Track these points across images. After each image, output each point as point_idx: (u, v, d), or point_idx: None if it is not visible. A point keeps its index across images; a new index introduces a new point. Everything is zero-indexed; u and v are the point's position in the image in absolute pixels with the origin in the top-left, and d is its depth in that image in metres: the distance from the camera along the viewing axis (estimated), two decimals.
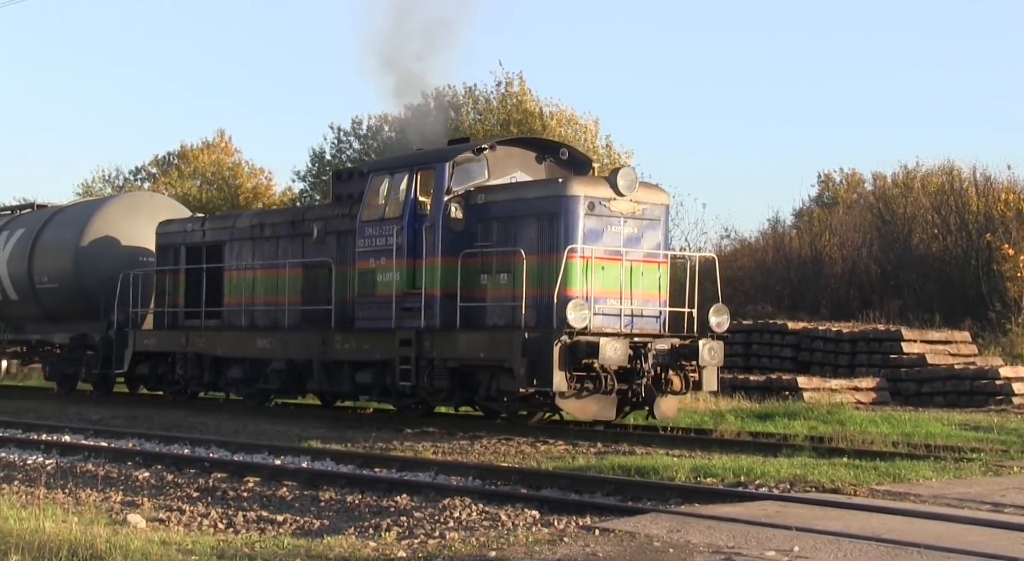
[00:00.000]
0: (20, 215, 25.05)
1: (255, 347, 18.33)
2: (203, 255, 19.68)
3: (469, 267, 15.43)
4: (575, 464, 12.74)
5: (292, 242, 18.18)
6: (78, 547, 7.57)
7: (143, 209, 22.68)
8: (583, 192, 14.88)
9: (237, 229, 19.39)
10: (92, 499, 10.75)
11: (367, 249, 16.49)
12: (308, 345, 17.43)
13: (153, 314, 20.94)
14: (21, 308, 23.43)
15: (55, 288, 22.47)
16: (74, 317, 22.46)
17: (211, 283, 19.41)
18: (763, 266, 32.81)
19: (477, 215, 15.62)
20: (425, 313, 15.53)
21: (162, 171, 48.61)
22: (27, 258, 22.89)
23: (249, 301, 18.74)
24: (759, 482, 10.97)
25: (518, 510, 9.67)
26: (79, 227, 22.34)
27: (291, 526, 9.55)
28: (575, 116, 34.55)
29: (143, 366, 20.62)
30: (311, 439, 15.49)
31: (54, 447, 14.55)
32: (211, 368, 19.19)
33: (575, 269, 14.66)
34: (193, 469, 12.63)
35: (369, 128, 38.67)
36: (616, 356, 14.22)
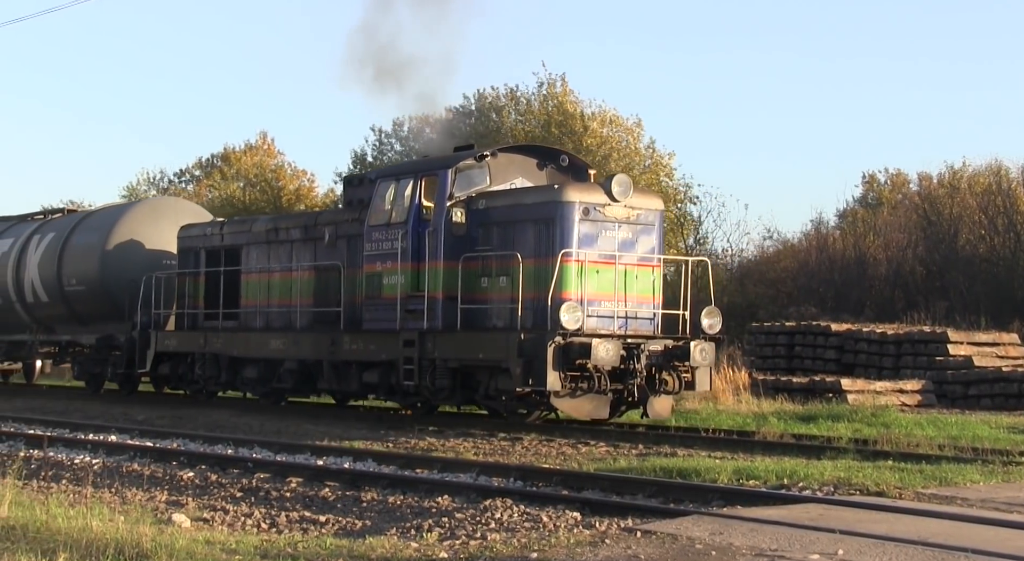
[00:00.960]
0: (51, 219, 25.71)
1: (269, 347, 18.88)
2: (222, 258, 20.21)
3: (470, 270, 15.84)
4: (616, 466, 12.71)
5: (305, 246, 18.69)
6: (124, 546, 7.64)
7: (166, 213, 23.28)
8: (578, 198, 15.31)
9: (253, 233, 19.92)
10: (138, 498, 10.86)
11: (374, 253, 16.98)
12: (318, 346, 17.94)
13: (175, 315, 21.46)
14: (51, 310, 24.09)
15: (82, 290, 23.08)
16: (101, 318, 23.07)
17: (229, 285, 19.91)
18: (806, 267, 32.57)
19: (478, 220, 16.06)
20: (428, 315, 16.01)
21: (205, 173, 49.09)
22: (56, 261, 23.54)
23: (264, 303, 19.27)
24: (802, 485, 10.88)
25: (560, 511, 9.65)
26: (105, 231, 22.96)
27: (333, 526, 9.59)
28: (617, 117, 34.49)
29: (164, 366, 21.18)
30: (353, 440, 15.58)
31: (101, 447, 14.71)
32: (228, 368, 19.69)
33: (570, 272, 15.10)
34: (237, 469, 12.72)
35: (410, 130, 38.83)
36: (608, 357, 14.63)
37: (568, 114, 34.05)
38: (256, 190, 44.97)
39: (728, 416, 18.36)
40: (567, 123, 33.84)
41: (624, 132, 34.34)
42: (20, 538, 7.96)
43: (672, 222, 33.17)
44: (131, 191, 50.73)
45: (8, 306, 24.86)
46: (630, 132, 34.41)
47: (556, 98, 34.87)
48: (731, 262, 33.50)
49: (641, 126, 34.60)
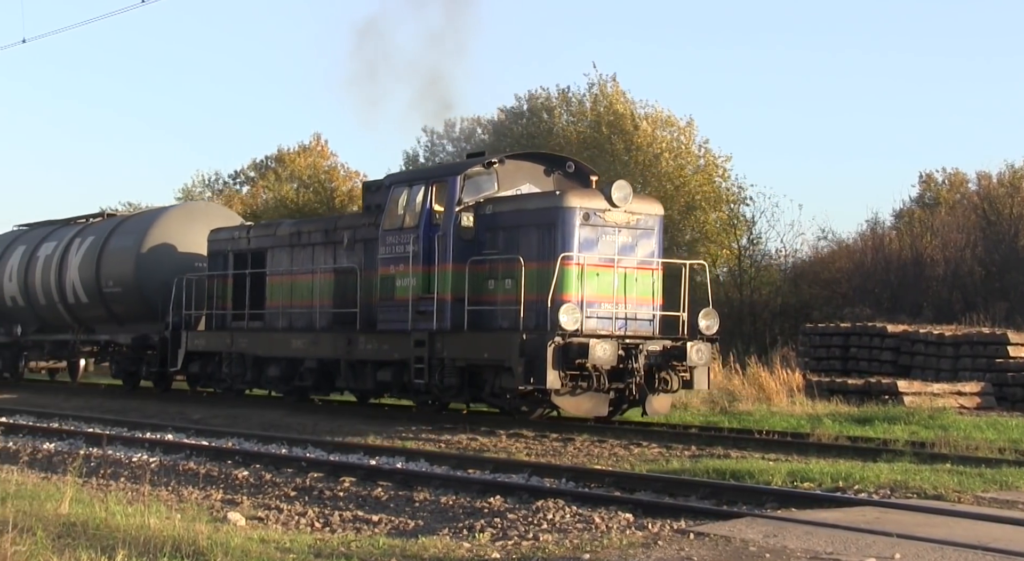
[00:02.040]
0: (91, 223, 26.60)
1: (290, 347, 19.56)
2: (248, 261, 20.86)
3: (477, 273, 16.36)
4: (669, 467, 12.65)
5: (326, 249, 19.35)
6: (181, 543, 7.73)
7: (198, 217, 24.06)
8: (579, 203, 15.85)
9: (278, 237, 20.58)
10: (194, 497, 10.99)
11: (388, 256, 17.59)
12: (336, 345, 18.53)
13: (205, 316, 22.00)
14: (91, 310, 24.98)
15: (119, 292, 23.96)
16: (136, 319, 23.93)
17: (255, 287, 20.61)
18: (861, 268, 32.18)
19: (486, 224, 16.58)
20: (437, 316, 16.56)
21: (260, 175, 49.56)
22: (95, 264, 24.44)
23: (287, 304, 19.92)
24: (858, 487, 10.76)
25: (612, 512, 9.62)
26: (140, 235, 23.79)
27: (386, 526, 9.64)
28: (671, 117, 34.31)
29: (195, 365, 21.93)
30: (406, 440, 15.65)
31: (158, 445, 14.90)
32: (253, 367, 20.38)
33: (570, 275, 15.62)
34: (290, 468, 12.83)
35: (462, 131, 38.93)
36: (606, 356, 15.12)
37: (619, 114, 33.93)
38: (309, 191, 45.33)
39: (782, 417, 18.22)
40: (618, 123, 33.72)
41: (677, 132, 34.15)
42: (80, 535, 8.09)
43: (724, 223, 32.95)
44: (186, 193, 51.40)
45: (51, 307, 25.88)
46: (683, 132, 34.22)
47: (607, 98, 34.76)
48: (784, 263, 33.20)
49: (694, 126, 34.43)
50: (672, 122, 34.26)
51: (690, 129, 34.28)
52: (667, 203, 33.21)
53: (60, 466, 13.25)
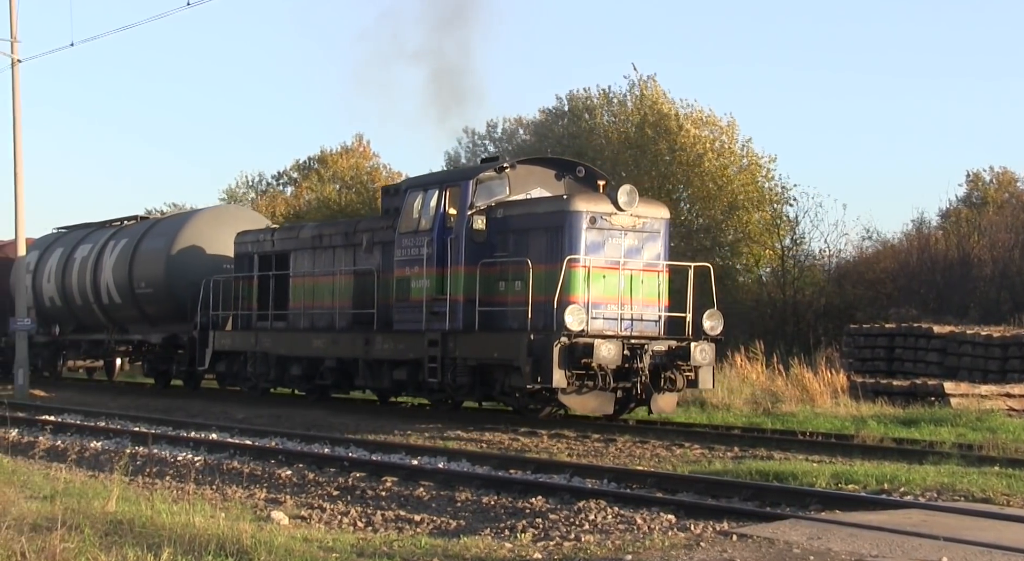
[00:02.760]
0: (125, 226, 27.42)
1: (311, 347, 20.12)
2: (272, 263, 21.42)
3: (488, 275, 16.80)
4: (711, 468, 12.59)
5: (346, 251, 19.84)
6: (225, 542, 7.79)
7: (227, 220, 24.75)
8: (585, 207, 16.24)
9: (300, 239, 21.11)
10: (238, 495, 11.07)
11: (403, 258, 18.10)
12: (354, 345, 19.04)
13: (232, 316, 22.53)
14: (124, 311, 25.80)
15: (151, 293, 24.73)
16: (167, 319, 24.64)
17: (279, 288, 21.18)
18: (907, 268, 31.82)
19: (497, 228, 17.03)
20: (450, 316, 17.05)
21: (303, 175, 49.86)
22: (128, 265, 25.23)
23: (309, 305, 20.48)
24: (904, 490, 10.65)
25: (654, 514, 9.59)
26: (171, 237, 24.53)
27: (428, 526, 9.66)
28: (713, 117, 34.13)
29: (221, 364, 22.53)
30: (448, 440, 15.69)
31: (202, 444, 15.04)
32: (276, 366, 20.93)
33: (577, 277, 16.00)
34: (333, 468, 12.90)
35: (504, 131, 38.96)
36: (610, 356, 15.50)
37: (662, 114, 33.80)
38: (352, 192, 45.57)
39: (826, 419, 18.07)
40: (661, 123, 33.60)
41: (719, 132, 33.96)
42: (127, 533, 8.17)
43: (768, 223, 32.71)
44: (230, 193, 51.83)
45: (87, 307, 26.75)
46: (725, 132, 34.02)
47: (649, 98, 34.64)
48: (828, 263, 32.89)
49: (735, 126, 34.22)
50: (713, 122, 34.08)
51: (732, 129, 34.09)
52: (710, 203, 33.21)
53: (107, 464, 13.41)
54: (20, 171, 26.45)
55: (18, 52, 26.39)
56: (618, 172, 34.29)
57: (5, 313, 30.12)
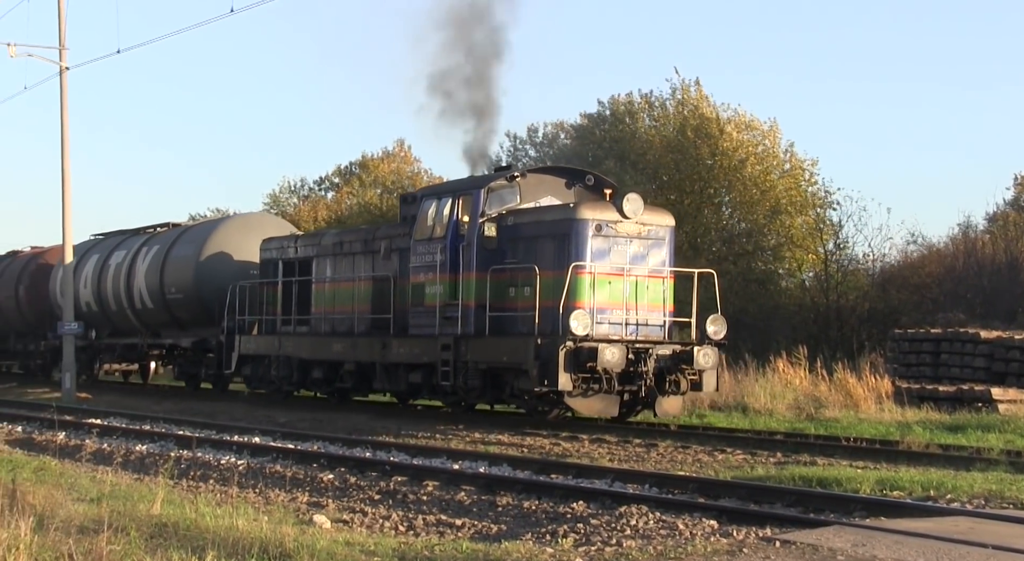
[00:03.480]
0: (157, 233, 28.16)
1: (331, 351, 20.64)
2: (296, 269, 21.99)
3: (498, 281, 17.19)
4: (754, 474, 12.51)
5: (365, 258, 20.38)
6: (268, 545, 7.84)
7: (254, 227, 25.40)
8: (591, 216, 16.67)
9: (322, 246, 21.62)
10: (280, 499, 11.15)
11: (418, 264, 18.63)
12: (372, 349, 19.59)
13: (257, 321, 23.09)
14: (156, 316, 26.58)
15: (181, 298, 25.48)
16: (196, 323, 25.37)
17: (301, 294, 21.74)
18: (953, 272, 31.42)
19: (508, 235, 17.48)
20: (461, 321, 17.56)
21: (344, 181, 50.13)
22: (160, 271, 26.00)
23: (330, 310, 20.98)
24: (950, 497, 10.53)
25: (696, 519, 9.55)
26: (200, 244, 25.28)
27: (469, 530, 9.67)
28: (755, 121, 33.94)
29: (247, 367, 23.03)
30: (489, 445, 15.70)
31: (245, 448, 15.15)
32: (298, 369, 21.51)
33: (582, 283, 16.41)
34: (375, 472, 12.94)
35: (545, 136, 38.94)
36: (614, 360, 15.88)
37: (704, 118, 33.65)
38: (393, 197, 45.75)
39: (870, 424, 17.91)
40: (703, 127, 33.45)
41: (761, 136, 33.76)
42: (171, 535, 8.25)
43: (811, 228, 32.46)
44: (273, 199, 52.19)
45: (121, 312, 27.53)
46: (767, 136, 33.81)
47: (691, 103, 34.50)
48: (872, 268, 32.57)
49: (778, 129, 33.99)
50: (756, 126, 33.88)
51: (774, 132, 33.87)
52: (752, 207, 33.01)
53: (152, 467, 13.55)
54: (67, 178, 26.83)
55: (66, 59, 26.76)
56: (659, 176, 34.20)
57: (44, 318, 31.30)
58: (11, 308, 32.95)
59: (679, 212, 33.43)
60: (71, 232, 27.10)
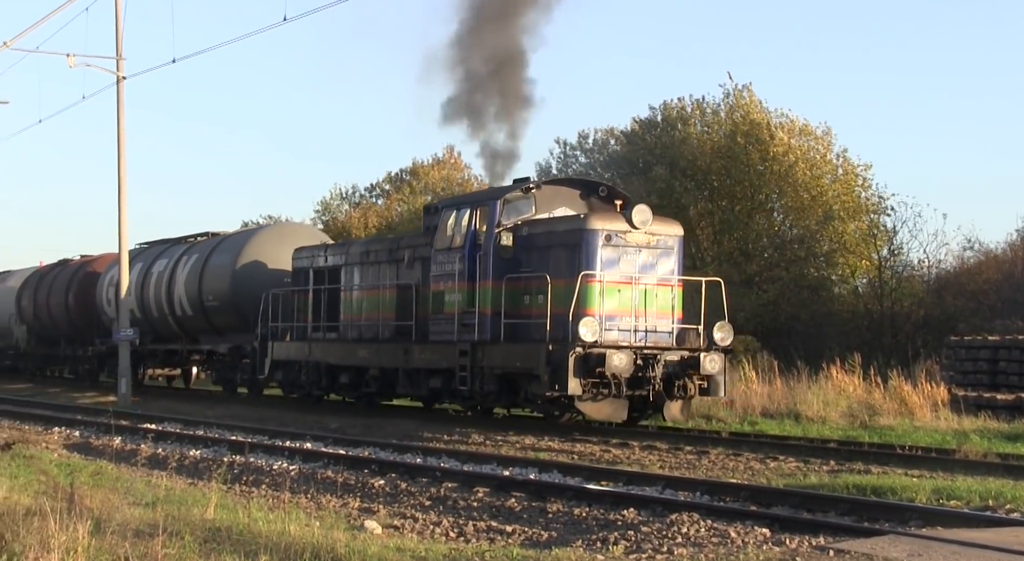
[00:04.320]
0: (197, 242, 28.95)
1: (358, 356, 21.27)
2: (325, 277, 22.61)
3: (513, 289, 17.76)
4: (807, 482, 12.40)
5: (390, 267, 20.98)
6: (320, 550, 7.89)
7: (288, 236, 26.15)
8: (601, 226, 17.16)
9: (350, 255, 22.28)
10: (332, 504, 11.21)
11: (438, 273, 19.20)
12: (395, 355, 20.24)
13: (289, 328, 23.67)
14: (195, 322, 27.41)
15: (217, 305, 26.26)
16: (233, 330, 26.16)
17: (331, 301, 22.31)
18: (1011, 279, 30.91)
19: (522, 245, 18.00)
20: (478, 328, 18.07)
21: (395, 187, 50.38)
22: (198, 280, 26.80)
23: (358, 317, 21.66)
24: (1010, 507, 10.36)
25: (748, 527, 9.47)
26: (236, 253, 26.06)
27: (520, 537, 9.66)
28: (807, 126, 33.66)
29: (279, 373, 23.74)
30: (539, 451, 15.69)
31: (297, 454, 15.24)
32: (327, 374, 22.20)
33: (592, 291, 16.88)
34: (425, 478, 12.97)
35: (595, 142, 38.86)
36: (621, 365, 16.28)
37: (754, 123, 33.44)
38: None
39: (925, 433, 17.67)
40: (753, 132, 33.24)
41: (813, 141, 33.48)
42: (225, 539, 8.32)
43: (864, 234, 32.13)
44: (324, 205, 52.59)
45: (163, 318, 28.34)
46: (819, 141, 33.52)
47: (743, 108, 34.30)
48: (928, 274, 32.14)
49: (831, 135, 33.69)
50: (808, 131, 33.60)
51: (827, 138, 33.58)
52: (804, 213, 32.73)
53: (205, 472, 13.69)
54: (124, 186, 27.22)
55: (123, 69, 27.15)
56: (710, 182, 34.02)
57: (91, 324, 32.57)
58: (61, 315, 34.30)
59: (729, 218, 33.41)
60: (127, 240, 27.52)
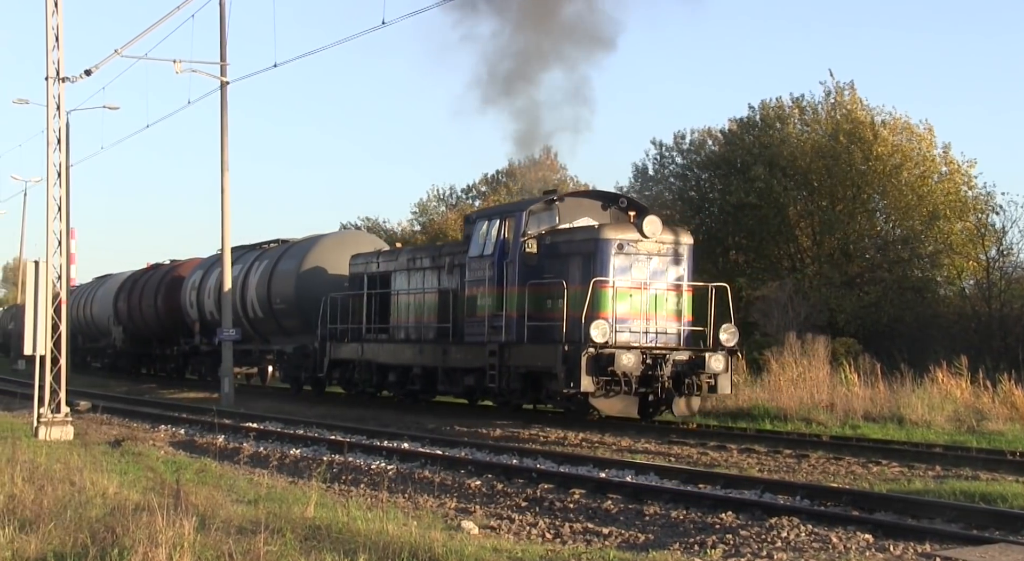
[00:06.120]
0: (269, 248, 31.10)
1: (403, 356, 22.99)
2: (377, 282, 24.27)
3: (536, 294, 19.16)
4: (911, 487, 12.13)
5: (432, 273, 22.57)
6: (418, 549, 7.95)
7: (348, 243, 27.77)
8: (614, 236, 18.53)
9: (399, 261, 23.83)
10: (429, 504, 11.29)
11: (472, 279, 20.71)
12: (435, 355, 21.81)
13: (346, 329, 25.13)
14: (265, 324, 29.29)
15: (284, 308, 28.12)
16: (298, 331, 27.87)
17: (382, 305, 24.00)
18: None
19: (545, 253, 19.43)
20: (505, 330, 19.53)
21: (492, 189, 50.63)
22: (267, 284, 28.77)
23: (405, 320, 23.28)
24: None
25: (850, 533, 9.29)
26: (300, 258, 27.89)
27: (616, 539, 9.62)
28: (909, 124, 32.90)
29: (336, 371, 25.53)
30: (636, 454, 15.61)
31: (395, 454, 15.41)
32: (377, 373, 23.89)
33: (605, 296, 18.20)
34: (522, 479, 12.99)
35: (692, 142, 38.52)
36: (630, 364, 17.56)
37: (857, 122, 32.78)
38: None
39: None
40: (856, 131, 32.60)
41: (917, 139, 32.70)
42: (324, 538, 8.44)
43: (971, 234, 31.28)
44: (422, 208, 53.09)
45: (239, 320, 29.46)
46: (923, 139, 32.73)
47: (844, 107, 33.66)
48: None
49: (933, 132, 32.87)
50: (912, 129, 32.84)
51: (930, 135, 32.77)
52: (908, 214, 31.98)
53: (306, 471, 13.91)
54: (227, 189, 27.82)
55: (227, 74, 27.74)
56: (810, 182, 33.46)
57: (177, 325, 34.88)
58: (152, 316, 36.84)
59: (830, 218, 32.81)
60: (229, 242, 28.12)
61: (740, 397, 21.71)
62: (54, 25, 18.13)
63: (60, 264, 18.16)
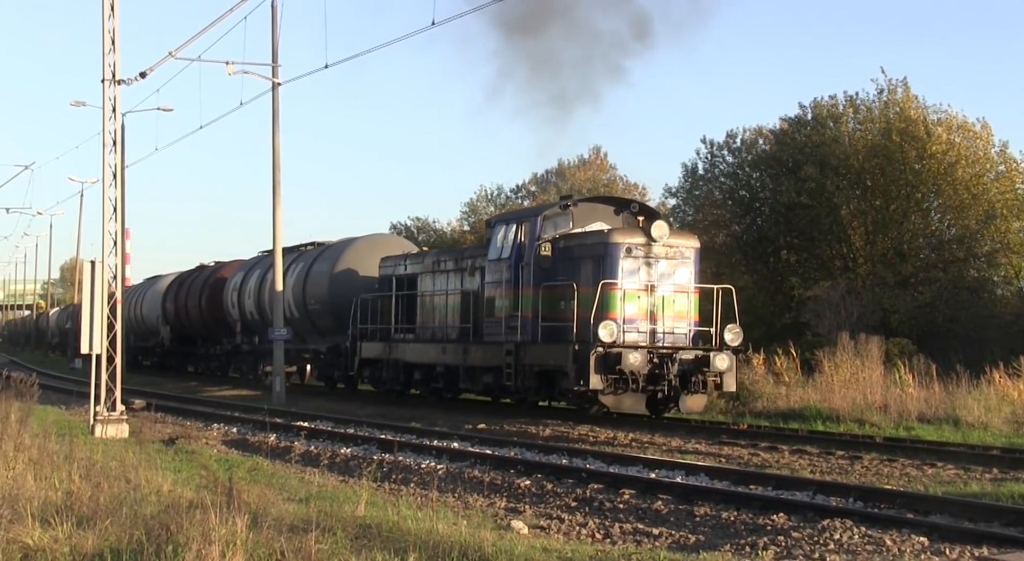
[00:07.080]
0: (305, 251, 31.87)
1: (428, 355, 23.85)
2: (405, 284, 25.13)
3: (549, 296, 19.89)
4: (967, 490, 11.96)
5: (456, 275, 23.42)
6: (468, 549, 7.96)
7: (379, 246, 28.61)
8: (622, 240, 19.30)
9: (425, 264, 24.73)
10: (479, 504, 11.31)
11: (490, 281, 21.57)
12: (456, 354, 22.70)
13: (376, 329, 25.98)
14: (302, 324, 29.97)
15: (318, 308, 28.99)
16: (331, 331, 28.75)
17: (408, 306, 24.84)
18: None
19: (559, 256, 20.15)
20: (520, 330, 20.35)
21: (541, 189, 50.60)
22: (303, 285, 29.61)
23: (430, 320, 24.09)
24: None
25: (904, 535, 9.17)
26: (333, 261, 28.83)
27: (666, 540, 9.57)
28: (966, 122, 32.41)
29: (366, 370, 26.58)
30: (686, 454, 15.53)
31: (444, 453, 15.44)
32: (404, 371, 24.86)
33: (613, 298, 18.95)
34: (571, 479, 12.97)
35: (743, 142, 38.23)
36: (637, 363, 18.31)
37: (910, 120, 32.35)
38: None
39: None
40: (909, 130, 32.19)
41: (972, 137, 32.21)
42: (375, 536, 8.48)
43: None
44: (471, 207, 53.18)
45: None
46: (978, 137, 32.23)
47: (898, 105, 33.23)
48: None
49: (989, 130, 32.34)
50: (967, 127, 32.35)
51: (986, 132, 32.25)
52: (964, 213, 31.51)
53: (356, 470, 13.99)
54: (279, 190, 28.06)
55: (279, 75, 27.97)
56: (863, 181, 33.08)
57: (220, 325, 35.96)
58: (196, 316, 38.02)
59: (883, 218, 32.42)
60: (280, 243, 28.36)
61: (792, 398, 21.55)
62: (110, 29, 18.40)
63: (115, 264, 18.42)
